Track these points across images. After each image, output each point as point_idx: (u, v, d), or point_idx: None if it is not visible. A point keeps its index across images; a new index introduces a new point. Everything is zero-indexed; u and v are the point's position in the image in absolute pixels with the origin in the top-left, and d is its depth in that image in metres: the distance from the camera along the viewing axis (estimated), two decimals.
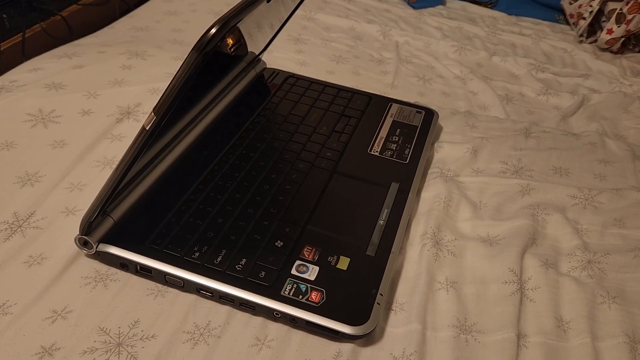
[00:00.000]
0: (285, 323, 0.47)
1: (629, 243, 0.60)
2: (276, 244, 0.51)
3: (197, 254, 0.49)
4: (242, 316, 0.48)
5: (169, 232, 0.51)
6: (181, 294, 0.49)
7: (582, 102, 0.92)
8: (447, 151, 0.70)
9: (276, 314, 0.47)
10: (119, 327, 0.46)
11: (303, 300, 0.47)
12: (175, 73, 0.40)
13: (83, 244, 0.49)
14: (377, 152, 0.65)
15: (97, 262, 0.51)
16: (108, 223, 0.50)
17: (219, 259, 0.49)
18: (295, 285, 0.48)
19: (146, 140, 0.42)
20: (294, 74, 0.78)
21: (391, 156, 0.65)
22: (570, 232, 0.60)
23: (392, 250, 0.53)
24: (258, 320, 0.48)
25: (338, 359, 0.46)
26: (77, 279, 0.49)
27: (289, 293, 0.47)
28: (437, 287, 0.52)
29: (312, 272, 0.49)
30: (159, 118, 0.40)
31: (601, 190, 0.66)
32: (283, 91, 0.73)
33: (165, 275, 0.48)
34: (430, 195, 0.62)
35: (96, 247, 0.49)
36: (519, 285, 0.53)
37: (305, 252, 0.51)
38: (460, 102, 0.90)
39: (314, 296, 0.47)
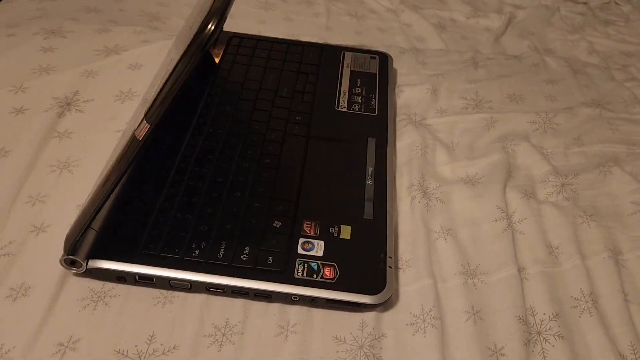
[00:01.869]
0: (303, 304, 0.47)
1: (591, 160, 0.64)
2: (274, 225, 0.50)
3: (197, 251, 0.47)
4: (258, 306, 0.47)
5: (160, 234, 0.48)
6: (189, 295, 0.47)
7: (509, 20, 0.94)
8: (408, 95, 0.70)
9: (294, 297, 0.46)
10: (136, 346, 0.43)
11: (318, 279, 0.46)
12: (165, 73, 0.35)
13: (70, 263, 0.45)
14: (344, 107, 0.64)
15: (88, 279, 0.47)
16: (90, 235, 0.46)
17: (221, 252, 0.47)
18: (306, 265, 0.47)
19: (138, 152, 0.38)
20: (236, 33, 0.73)
21: (359, 110, 0.64)
22: (539, 159, 0.62)
23: (388, 209, 0.53)
24: (275, 307, 0.47)
25: (364, 329, 0.46)
26: (74, 303, 0.45)
27: (302, 274, 0.46)
28: (435, 237, 0.54)
29: (318, 248, 0.48)
30: (152, 127, 0.36)
31: (556, 111, 0.69)
32: (231, 55, 0.69)
33: (169, 281, 0.46)
34: (405, 144, 0.62)
35: (86, 265, 0.45)
36: (508, 221, 0.55)
37: (305, 228, 0.50)
38: (398, 37, 0.88)
39: (328, 272, 0.47)
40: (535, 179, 0.61)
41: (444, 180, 0.59)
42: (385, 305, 0.47)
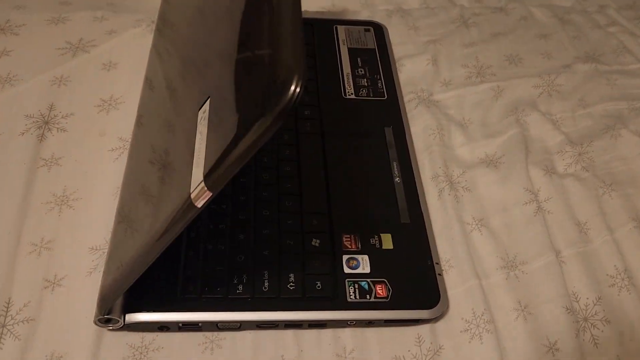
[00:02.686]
0: (358, 326, 0.45)
1: (598, 122, 0.64)
2: (313, 243, 0.47)
3: (240, 287, 0.43)
4: (310, 336, 0.45)
5: (196, 273, 0.44)
6: (237, 335, 0.44)
7: None
8: (410, 69, 0.66)
9: (350, 322, 0.44)
10: None
11: (372, 300, 0.44)
12: (237, 139, 0.28)
13: (105, 322, 0.41)
14: (352, 94, 0.60)
15: (125, 333, 0.43)
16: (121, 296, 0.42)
17: (266, 285, 0.44)
18: (357, 286, 0.45)
19: (195, 219, 0.33)
20: None
21: (368, 95, 0.60)
22: (551, 129, 0.62)
23: (423, 209, 0.51)
24: (328, 333, 0.45)
25: (421, 344, 0.45)
26: None
27: (355, 296, 0.44)
28: (469, 230, 0.52)
29: (364, 264, 0.46)
30: (214, 195, 0.31)
31: (556, 72, 0.68)
32: None
33: (217, 324, 0.43)
34: (420, 128, 0.60)
35: (124, 320, 0.41)
36: (537, 203, 0.54)
37: (346, 243, 0.47)
38: None
39: (380, 290, 0.45)
40: (552, 150, 0.60)
41: (466, 165, 0.57)
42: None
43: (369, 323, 0.44)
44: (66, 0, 0.68)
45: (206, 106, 0.34)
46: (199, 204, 0.31)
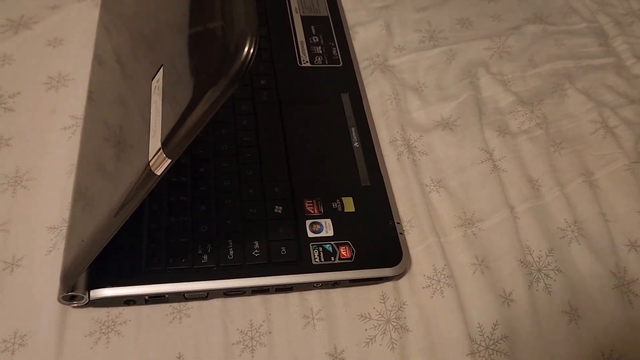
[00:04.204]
0: (324, 288, 0.46)
1: (547, 81, 0.66)
2: (276, 210, 0.47)
3: (205, 257, 0.44)
4: (277, 300, 0.45)
5: (159, 245, 0.44)
6: (204, 304, 0.44)
7: None
8: (363, 36, 0.66)
9: (316, 284, 0.45)
10: None
11: (337, 261, 0.45)
12: (193, 104, 0.28)
13: (70, 299, 0.40)
14: (307, 62, 0.60)
15: (90, 309, 0.43)
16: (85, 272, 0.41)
17: (231, 253, 0.44)
18: (321, 249, 0.46)
19: (155, 187, 0.33)
20: None
21: (323, 62, 0.60)
22: (502, 90, 0.63)
23: (382, 173, 0.52)
24: (295, 296, 0.46)
25: (386, 301, 0.46)
26: (82, 341, 0.41)
27: (320, 259, 0.45)
28: (428, 191, 0.54)
29: (327, 228, 0.47)
30: (173, 161, 0.31)
31: (506, 34, 0.70)
32: None
33: (184, 294, 0.43)
34: (376, 94, 0.60)
35: (88, 297, 0.41)
36: (492, 162, 0.56)
37: (308, 208, 0.48)
38: None
39: (344, 252, 0.46)
40: (504, 111, 0.62)
41: (423, 129, 0.58)
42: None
43: (335, 284, 0.45)
44: None
45: (159, 75, 0.33)
46: (158, 171, 0.31)
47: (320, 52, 0.61)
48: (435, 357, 0.44)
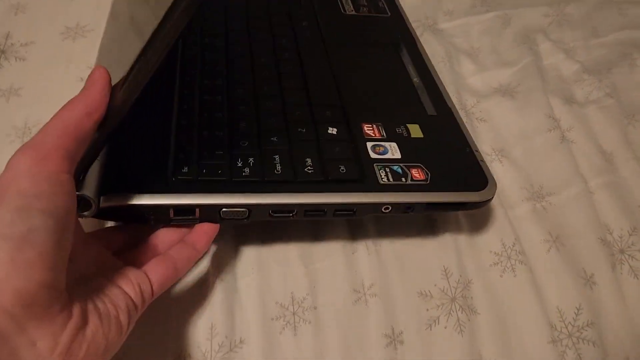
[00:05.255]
0: (395, 213, 0.36)
1: (613, 50, 0.59)
2: (329, 131, 0.38)
3: (246, 169, 0.34)
4: (323, 267, 0.38)
5: (189, 157, 0.34)
6: (238, 268, 0.38)
7: None
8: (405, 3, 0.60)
9: (385, 208, 0.35)
10: (199, 347, 0.34)
11: (409, 182, 0.36)
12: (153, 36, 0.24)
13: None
14: (352, 11, 0.53)
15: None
16: (94, 172, 0.31)
17: (278, 168, 0.35)
18: (388, 170, 0.36)
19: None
20: None
21: (369, 12, 0.53)
22: (564, 58, 0.57)
23: (449, 104, 0.44)
24: (341, 263, 0.39)
25: (449, 277, 0.40)
26: None
27: (388, 179, 0.36)
28: (490, 160, 0.47)
29: (393, 150, 0.38)
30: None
31: (565, 0, 0.63)
32: None
33: (220, 210, 0.33)
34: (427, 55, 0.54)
35: (98, 204, 0.30)
36: (560, 131, 0.50)
37: (367, 131, 0.39)
38: None
39: (417, 174, 0.37)
40: (569, 79, 0.55)
41: (480, 94, 0.52)
42: (462, 244, 0.41)
43: (408, 208, 0.36)
44: None
45: None
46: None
47: (365, 3, 0.55)
48: (509, 344, 0.37)
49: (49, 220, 0.23)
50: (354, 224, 0.41)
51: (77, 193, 0.28)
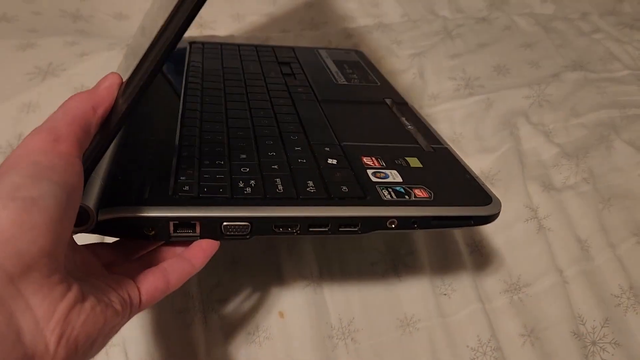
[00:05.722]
0: (399, 229, 0.36)
1: (592, 131, 0.62)
2: (329, 162, 0.39)
3: (247, 189, 0.35)
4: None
5: (190, 179, 0.35)
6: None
7: None
8: (395, 83, 0.64)
9: (391, 223, 0.35)
10: None
11: (413, 199, 0.36)
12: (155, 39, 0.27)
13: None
14: (344, 81, 0.57)
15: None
16: (95, 185, 0.32)
17: (279, 187, 0.35)
18: (390, 189, 0.37)
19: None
20: (194, 39, 0.63)
21: (360, 82, 0.57)
22: (545, 141, 0.60)
23: (445, 145, 0.46)
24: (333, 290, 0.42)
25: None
26: None
27: (391, 197, 0.36)
28: (470, 252, 0.50)
29: (394, 176, 0.39)
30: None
31: (545, 81, 0.67)
32: (196, 60, 0.58)
33: (221, 224, 0.33)
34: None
35: (96, 218, 0.30)
36: (538, 220, 0.52)
37: (367, 162, 0.40)
38: (352, 4, 0.82)
39: (420, 193, 0.37)
40: (547, 164, 0.58)
41: None
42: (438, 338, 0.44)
43: (414, 223, 0.36)
44: (33, 27, 0.64)
45: None
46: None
47: (356, 77, 0.58)
48: None
49: (59, 190, 0.23)
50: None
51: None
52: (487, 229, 0.52)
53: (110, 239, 0.32)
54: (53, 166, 0.24)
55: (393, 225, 0.35)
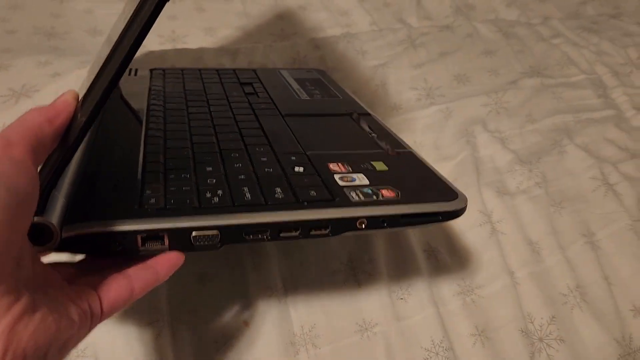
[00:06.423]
0: (368, 229, 0.37)
1: (545, 137, 0.65)
2: (296, 170, 0.41)
3: (216, 199, 0.35)
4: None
5: (156, 192, 0.35)
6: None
7: None
8: (358, 94, 0.67)
9: (361, 223, 0.36)
10: None
11: (381, 199, 0.38)
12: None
13: (36, 236, 0.29)
14: (306, 97, 0.59)
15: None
16: (57, 202, 0.32)
17: (247, 195, 0.36)
18: (358, 191, 0.38)
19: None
20: (155, 67, 0.64)
21: (322, 97, 0.59)
22: (500, 148, 0.63)
23: (409, 150, 0.47)
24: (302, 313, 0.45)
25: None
26: None
27: (360, 198, 0.37)
28: (425, 257, 0.53)
29: (360, 179, 0.40)
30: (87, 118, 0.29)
31: (503, 89, 0.70)
32: (157, 85, 0.59)
33: (191, 233, 0.33)
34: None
35: (60, 234, 0.30)
36: (491, 225, 0.55)
37: (333, 168, 0.41)
38: (321, 14, 0.84)
39: (387, 193, 0.38)
40: (502, 170, 0.61)
41: None
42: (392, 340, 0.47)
43: (383, 222, 0.37)
44: (8, 47, 0.66)
45: None
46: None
47: (318, 92, 0.60)
48: None
49: (6, 194, 0.22)
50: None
51: (38, 220, 0.29)
52: (443, 234, 0.55)
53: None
54: (3, 171, 0.23)
55: (363, 226, 0.36)
